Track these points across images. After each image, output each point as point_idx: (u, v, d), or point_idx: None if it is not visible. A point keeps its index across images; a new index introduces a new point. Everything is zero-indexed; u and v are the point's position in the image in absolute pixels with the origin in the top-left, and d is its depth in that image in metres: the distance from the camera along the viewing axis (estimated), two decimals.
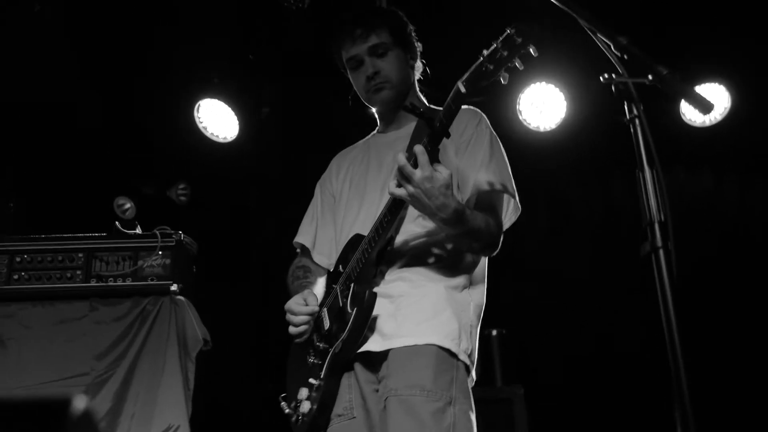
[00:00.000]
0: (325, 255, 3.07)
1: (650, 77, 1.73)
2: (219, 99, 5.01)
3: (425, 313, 2.64)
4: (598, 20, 1.91)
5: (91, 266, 4.16)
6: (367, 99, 3.03)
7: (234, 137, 5.13)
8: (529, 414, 4.13)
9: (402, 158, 2.44)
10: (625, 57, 1.81)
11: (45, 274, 4.14)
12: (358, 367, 2.71)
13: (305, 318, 2.79)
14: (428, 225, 2.73)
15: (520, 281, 5.09)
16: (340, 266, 2.83)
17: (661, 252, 1.68)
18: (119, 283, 4.12)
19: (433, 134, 2.44)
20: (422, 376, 2.51)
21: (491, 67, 2.28)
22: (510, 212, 2.85)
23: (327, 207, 3.15)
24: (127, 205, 6.06)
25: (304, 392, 2.77)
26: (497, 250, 2.78)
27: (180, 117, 5.08)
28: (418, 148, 2.42)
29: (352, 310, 2.61)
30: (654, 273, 1.68)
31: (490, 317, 4.62)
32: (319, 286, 2.98)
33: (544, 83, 4.89)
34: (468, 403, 2.58)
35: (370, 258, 2.66)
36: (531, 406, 4.18)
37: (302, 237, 3.17)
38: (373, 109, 3.14)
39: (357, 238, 2.78)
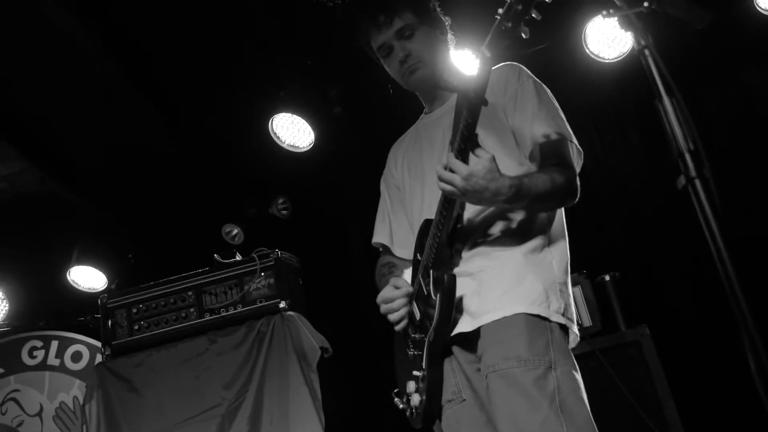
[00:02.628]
0: (406, 247, 3.04)
1: (645, 3, 1.63)
2: (289, 111, 5.04)
3: (507, 283, 2.59)
4: None
5: (202, 301, 4.31)
6: (404, 83, 2.98)
7: (311, 144, 5.16)
8: (660, 354, 3.99)
9: (439, 169, 2.43)
10: None
11: (162, 319, 4.32)
12: (456, 350, 2.69)
13: (402, 301, 2.78)
14: None
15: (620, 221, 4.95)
16: (418, 255, 2.81)
17: (697, 182, 1.58)
18: (231, 311, 4.25)
19: (469, 106, 2.38)
20: (516, 346, 2.46)
21: (509, 25, 2.22)
22: (575, 156, 2.74)
23: (395, 200, 3.13)
24: (235, 231, 6.19)
25: (411, 385, 2.77)
26: (577, 198, 2.69)
27: (257, 137, 5.16)
28: (448, 157, 2.42)
29: (436, 296, 2.58)
30: (695, 205, 1.59)
31: (599, 263, 4.54)
32: (406, 278, 2.97)
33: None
34: (569, 363, 2.52)
35: (441, 241, 2.63)
36: (661, 347, 4.04)
37: (379, 236, 3.16)
38: (416, 92, 3.09)
39: (427, 224, 2.75)
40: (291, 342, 4.07)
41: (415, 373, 2.74)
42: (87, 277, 5.94)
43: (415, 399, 2.73)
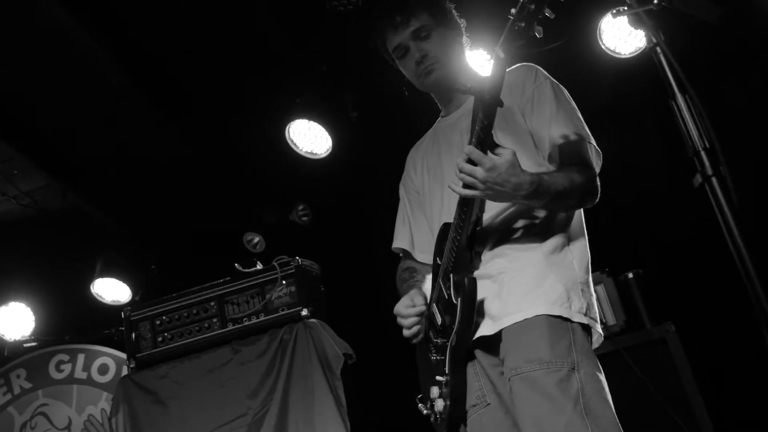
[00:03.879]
0: (427, 252, 3.02)
1: (655, 1, 1.61)
2: (306, 118, 5.05)
3: (528, 285, 2.56)
4: None
5: (224, 311, 4.31)
6: (419, 84, 2.95)
7: (329, 150, 5.16)
8: (686, 351, 3.95)
9: (460, 162, 2.41)
10: None
11: (185, 330, 4.33)
12: (478, 353, 2.67)
13: (414, 319, 2.79)
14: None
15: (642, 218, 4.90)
16: (438, 259, 2.79)
17: (714, 180, 1.56)
18: (253, 321, 4.25)
19: (484, 108, 2.37)
20: (538, 348, 2.44)
21: (523, 24, 2.20)
22: (594, 157, 2.72)
23: (415, 205, 3.11)
24: (256, 239, 6.23)
25: (435, 391, 2.75)
26: (597, 198, 2.67)
27: (275, 145, 5.17)
28: (468, 148, 2.39)
29: (457, 301, 2.56)
30: (712, 203, 1.56)
31: (621, 261, 4.50)
32: (427, 283, 2.95)
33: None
34: (593, 364, 2.49)
35: (461, 244, 2.61)
36: (687, 344, 4.00)
37: (399, 241, 3.14)
38: (432, 94, 3.07)
39: (446, 228, 2.73)
40: (314, 349, 4.06)
41: (439, 378, 2.72)
42: (111, 290, 5.99)
43: (439, 404, 2.71)
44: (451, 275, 2.62)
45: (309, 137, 5.19)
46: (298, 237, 6.02)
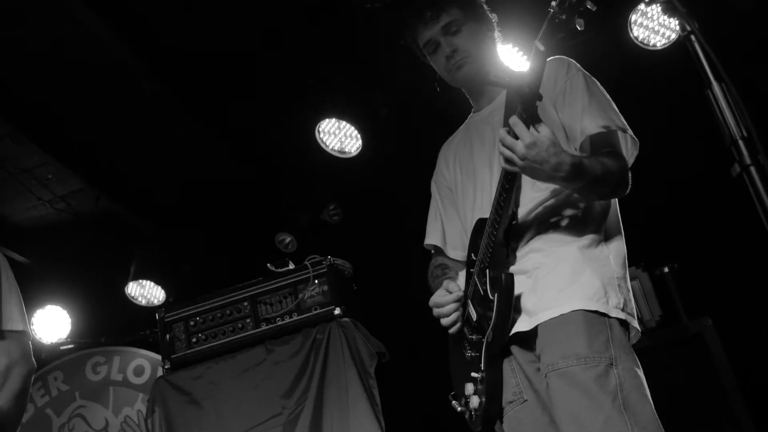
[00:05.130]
0: (459, 248, 3.01)
1: None
2: (335, 117, 5.04)
3: (564, 280, 2.53)
4: None
5: (257, 312, 4.33)
6: (450, 79, 2.92)
7: (359, 149, 5.15)
8: (724, 346, 3.89)
9: (502, 133, 2.37)
10: None
11: (219, 330, 4.35)
12: (515, 349, 2.64)
13: (453, 306, 2.75)
14: (547, 187, 2.63)
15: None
16: (472, 254, 2.77)
17: (752, 169, 1.52)
18: (287, 320, 4.27)
19: (524, 101, 2.33)
20: (575, 343, 2.41)
21: (564, 17, 2.17)
22: (630, 147, 2.68)
23: (447, 201, 3.09)
24: (288, 239, 6.22)
25: (470, 387, 2.72)
26: (628, 189, 2.62)
27: (305, 144, 5.17)
28: (513, 120, 2.34)
29: (494, 297, 2.53)
30: (751, 193, 1.53)
31: (657, 255, 4.44)
32: (461, 279, 2.93)
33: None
34: (631, 360, 2.45)
35: (497, 239, 2.58)
36: (725, 339, 3.94)
37: (431, 238, 3.11)
38: (463, 89, 3.04)
39: (481, 223, 2.72)
40: (348, 348, 4.07)
41: (474, 374, 2.69)
42: (145, 292, 6.04)
43: (474, 401, 2.68)
44: (488, 271, 2.60)
45: (339, 136, 5.19)
46: (330, 236, 6.02)
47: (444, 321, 2.79)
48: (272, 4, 4.54)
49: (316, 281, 4.28)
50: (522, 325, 2.56)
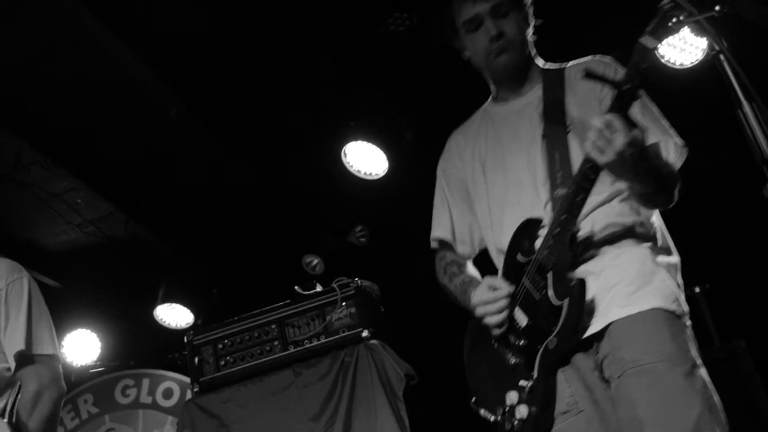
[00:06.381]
0: (467, 244, 2.91)
1: (717, 7, 1.56)
2: (361, 139, 5.06)
3: (638, 279, 2.43)
4: None
5: (285, 334, 4.33)
6: (487, 63, 2.76)
7: (385, 171, 5.16)
8: (758, 368, 3.83)
9: (599, 123, 2.23)
10: None
11: (247, 353, 4.35)
12: (577, 357, 2.49)
13: (503, 303, 2.55)
14: (608, 189, 2.54)
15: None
16: (519, 256, 2.58)
17: None
18: (314, 343, 4.27)
19: (623, 98, 2.24)
20: (658, 340, 2.30)
21: (680, 18, 1.98)
22: (679, 156, 2.58)
23: (455, 192, 2.94)
24: (315, 261, 6.25)
25: (513, 396, 2.53)
26: (675, 200, 2.54)
27: (332, 167, 5.19)
28: (611, 115, 2.23)
29: (562, 301, 2.38)
30: None
31: (688, 275, 4.38)
32: (478, 278, 2.81)
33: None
34: (703, 366, 2.38)
35: (562, 242, 2.43)
36: (759, 361, 3.87)
37: (440, 230, 2.97)
38: (488, 77, 2.89)
39: (530, 223, 2.58)
40: (376, 371, 4.05)
41: (523, 382, 2.51)
42: (174, 315, 6.07)
43: (522, 411, 2.50)
44: (549, 274, 2.45)
45: (365, 159, 5.20)
46: (357, 258, 6.02)
47: (491, 320, 2.58)
48: (297, 28, 4.58)
49: (344, 303, 4.28)
50: (594, 326, 2.43)
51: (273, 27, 4.56)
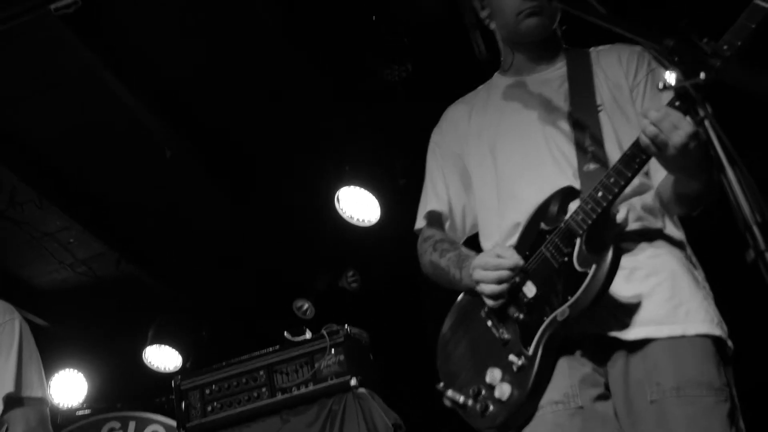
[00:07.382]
0: (458, 225, 2.69)
1: (702, 75, 1.57)
2: (355, 185, 5.08)
3: (680, 293, 2.25)
4: (640, 25, 1.77)
5: (273, 381, 4.31)
6: (515, 23, 2.53)
7: (378, 217, 5.17)
8: None
9: (654, 114, 2.03)
10: (676, 59, 1.66)
11: (235, 399, 4.33)
12: (587, 353, 2.29)
13: (505, 274, 2.27)
14: (647, 181, 2.40)
15: None
16: (542, 224, 2.34)
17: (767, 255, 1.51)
18: (302, 390, 4.24)
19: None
20: (706, 373, 2.15)
21: None
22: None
23: (452, 167, 2.69)
24: (306, 306, 6.22)
25: (496, 373, 2.27)
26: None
27: (324, 211, 5.21)
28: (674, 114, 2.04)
29: (587, 267, 2.16)
30: (766, 279, 1.52)
31: None
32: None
33: None
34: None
35: (601, 213, 2.18)
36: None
37: (435, 202, 2.70)
38: (508, 41, 2.67)
39: (565, 192, 2.33)
40: (363, 420, 4.02)
41: (512, 358, 2.24)
42: (162, 357, 6.03)
43: (504, 390, 2.24)
44: (578, 240, 2.21)
45: (358, 204, 5.21)
46: (348, 304, 6.01)
47: (489, 288, 2.30)
48: (293, 71, 4.63)
49: (333, 351, 4.25)
50: (623, 333, 2.22)
51: (275, 75, 4.63)
